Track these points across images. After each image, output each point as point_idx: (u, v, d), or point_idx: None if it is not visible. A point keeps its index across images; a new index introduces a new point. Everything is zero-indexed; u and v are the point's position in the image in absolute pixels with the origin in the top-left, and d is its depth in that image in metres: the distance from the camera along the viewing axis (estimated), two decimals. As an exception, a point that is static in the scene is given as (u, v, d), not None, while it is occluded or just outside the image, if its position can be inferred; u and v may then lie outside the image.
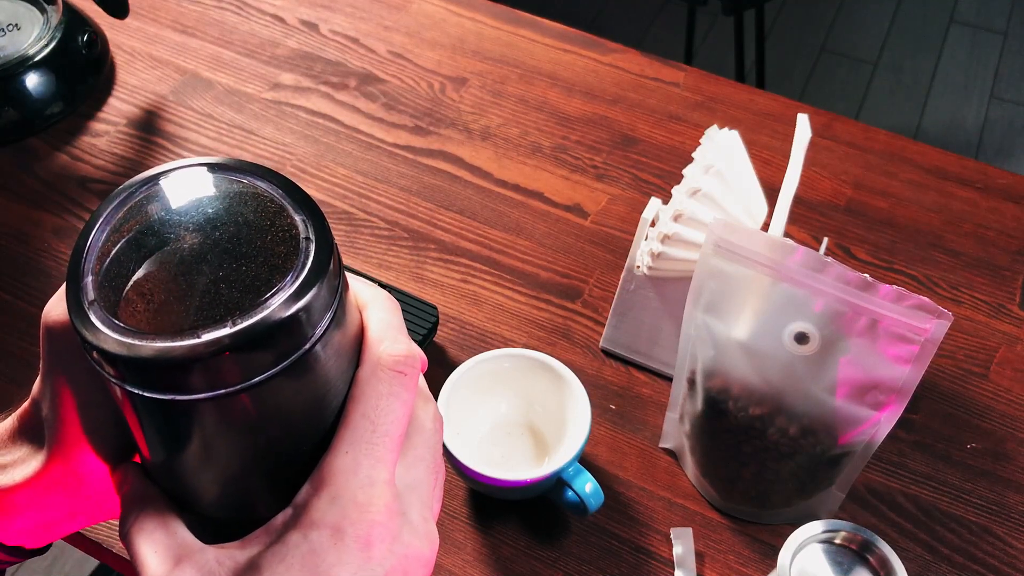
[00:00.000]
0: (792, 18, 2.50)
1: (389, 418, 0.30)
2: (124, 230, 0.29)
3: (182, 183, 0.30)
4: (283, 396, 0.28)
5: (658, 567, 0.64)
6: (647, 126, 0.92)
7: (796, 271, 0.56)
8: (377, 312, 0.33)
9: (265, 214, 0.30)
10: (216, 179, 0.30)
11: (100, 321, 0.27)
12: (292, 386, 0.28)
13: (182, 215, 0.29)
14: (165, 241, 0.29)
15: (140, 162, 0.88)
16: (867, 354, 0.55)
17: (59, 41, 0.90)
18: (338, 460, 0.29)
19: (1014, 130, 2.22)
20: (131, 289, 0.28)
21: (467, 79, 0.96)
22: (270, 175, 0.31)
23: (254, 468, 0.31)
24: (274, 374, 0.27)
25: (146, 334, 0.26)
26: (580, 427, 0.62)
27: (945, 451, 0.70)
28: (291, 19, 1.02)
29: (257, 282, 0.27)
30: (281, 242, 0.29)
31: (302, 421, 0.30)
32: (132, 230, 0.29)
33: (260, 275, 0.28)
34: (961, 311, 0.78)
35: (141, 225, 0.29)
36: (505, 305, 0.78)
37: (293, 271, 0.28)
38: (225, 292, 0.27)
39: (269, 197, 0.30)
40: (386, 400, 0.30)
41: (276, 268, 0.28)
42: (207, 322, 0.26)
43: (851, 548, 0.54)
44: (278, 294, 0.27)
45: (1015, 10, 2.50)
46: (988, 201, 0.86)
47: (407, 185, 0.86)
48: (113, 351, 0.26)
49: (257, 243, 0.29)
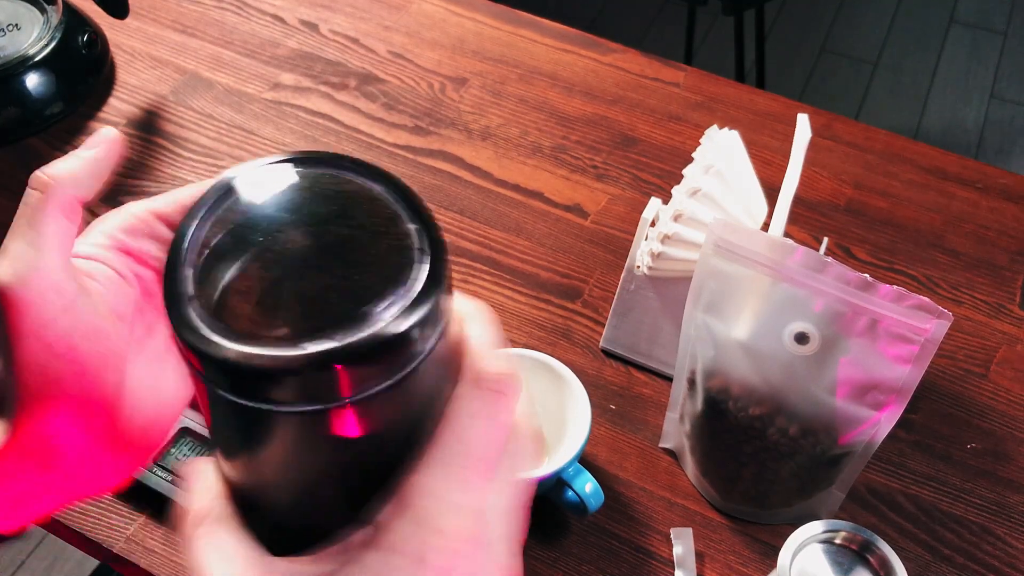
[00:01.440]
0: (792, 18, 2.50)
1: (484, 440, 0.29)
2: (229, 221, 0.28)
3: (292, 177, 0.29)
4: (381, 414, 0.27)
5: (658, 567, 0.64)
6: (647, 126, 0.92)
7: (796, 271, 0.56)
8: (477, 327, 0.31)
9: (379, 220, 0.28)
10: (328, 176, 0.29)
11: (199, 319, 0.25)
12: (392, 404, 0.27)
13: (291, 212, 0.28)
14: (273, 239, 0.27)
15: (140, 162, 0.88)
16: (867, 354, 0.55)
17: (59, 41, 0.90)
18: (426, 481, 0.28)
19: (1014, 130, 2.22)
20: (234, 287, 0.26)
21: (467, 79, 0.96)
22: (386, 178, 0.29)
23: (336, 482, 0.29)
24: (377, 392, 0.26)
25: (249, 338, 0.25)
26: (580, 427, 0.62)
27: (945, 451, 0.70)
28: (291, 19, 1.02)
29: (368, 293, 0.26)
30: (394, 252, 0.27)
31: (396, 439, 0.28)
32: (238, 222, 0.28)
33: (371, 286, 0.26)
34: (961, 311, 0.78)
35: (247, 218, 0.28)
36: (505, 305, 0.78)
37: (406, 284, 0.26)
38: (334, 301, 0.26)
39: (384, 201, 0.28)
40: (482, 421, 0.29)
41: (389, 279, 0.26)
42: (313, 332, 0.25)
43: (851, 548, 0.54)
44: (390, 308, 0.25)
45: (1015, 10, 2.50)
46: (988, 201, 0.86)
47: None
48: (215, 354, 0.25)
49: (370, 251, 0.27)
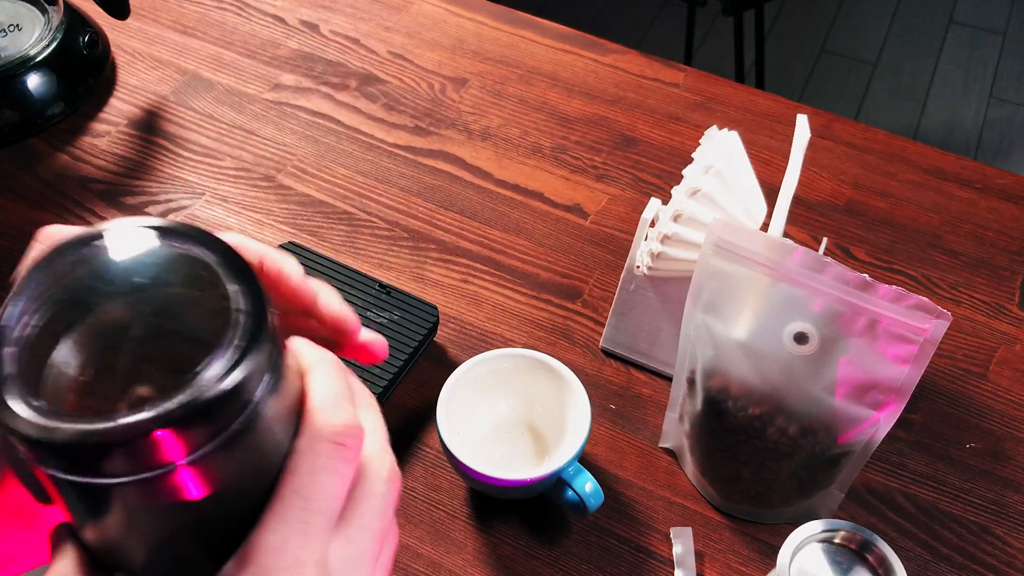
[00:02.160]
0: (792, 18, 2.50)
1: (324, 493, 0.29)
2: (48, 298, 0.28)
3: (113, 247, 0.29)
4: (216, 473, 0.27)
5: (658, 566, 0.64)
6: (647, 126, 0.92)
7: (795, 271, 0.56)
8: (320, 377, 0.31)
9: (197, 283, 0.28)
10: (149, 244, 0.29)
11: (17, 399, 0.25)
12: (222, 464, 0.27)
13: (109, 284, 0.28)
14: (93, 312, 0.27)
15: (141, 162, 0.88)
16: (866, 354, 0.55)
17: (60, 42, 0.90)
18: (265, 537, 0.28)
19: (1013, 130, 2.22)
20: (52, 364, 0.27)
21: (467, 80, 0.96)
22: (207, 240, 0.29)
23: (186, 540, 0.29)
24: (202, 455, 0.26)
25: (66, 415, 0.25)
26: (580, 427, 0.63)
27: (944, 451, 0.70)
28: (292, 20, 1.02)
29: (185, 358, 0.26)
30: (212, 315, 0.27)
31: (238, 495, 0.29)
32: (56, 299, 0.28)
33: (188, 351, 0.26)
34: (960, 311, 0.78)
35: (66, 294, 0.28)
36: (505, 305, 0.78)
37: (222, 347, 0.26)
38: (150, 370, 0.26)
39: (203, 264, 0.29)
40: (322, 475, 0.29)
41: (205, 343, 0.27)
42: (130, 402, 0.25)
43: (850, 548, 0.54)
44: (206, 371, 0.26)
45: (1014, 10, 2.50)
46: (987, 201, 0.86)
47: (407, 185, 0.86)
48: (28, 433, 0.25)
49: (186, 315, 0.28)
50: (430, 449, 0.69)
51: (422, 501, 0.67)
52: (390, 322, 0.73)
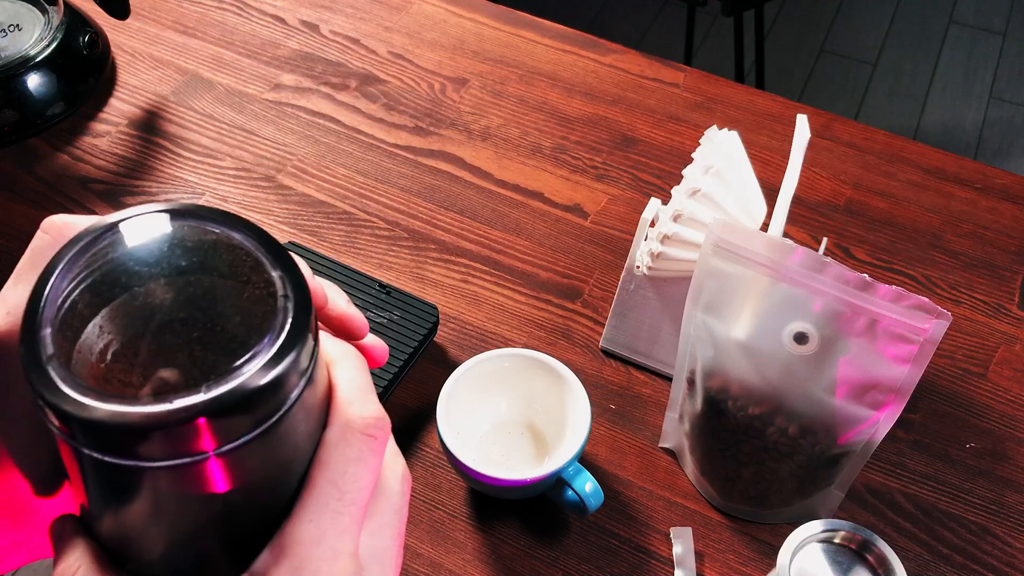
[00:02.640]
0: (792, 19, 2.50)
1: (356, 485, 0.29)
2: (87, 279, 0.27)
3: (150, 230, 0.29)
4: (250, 463, 0.27)
5: (658, 566, 0.64)
6: (647, 126, 0.92)
7: (795, 271, 0.56)
8: (346, 371, 0.31)
9: (241, 269, 0.28)
10: (188, 228, 0.29)
11: (60, 378, 0.25)
12: (260, 452, 0.27)
13: (152, 266, 0.28)
14: (133, 294, 0.27)
15: (141, 162, 0.88)
16: (866, 354, 0.55)
17: (60, 42, 0.90)
18: (301, 528, 0.28)
19: (1013, 130, 2.22)
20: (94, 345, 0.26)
21: (467, 80, 0.96)
22: (245, 226, 0.29)
23: (210, 532, 0.29)
24: (244, 442, 0.26)
25: (110, 396, 0.25)
26: (580, 427, 0.63)
27: (944, 451, 0.70)
28: (292, 20, 1.02)
29: (233, 344, 0.26)
30: (258, 301, 0.27)
31: (267, 486, 0.29)
32: (96, 279, 0.27)
33: (236, 336, 0.26)
34: (960, 311, 0.78)
35: (106, 274, 0.28)
36: (505, 305, 0.78)
37: (271, 333, 0.26)
38: (199, 354, 0.26)
39: (245, 250, 0.29)
40: (354, 466, 0.29)
41: (253, 329, 0.26)
42: (178, 386, 0.25)
43: (850, 547, 0.54)
44: (255, 358, 0.26)
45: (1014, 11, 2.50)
46: (987, 201, 0.86)
47: (407, 185, 0.86)
48: (74, 412, 0.24)
49: (233, 301, 0.27)
50: (430, 449, 0.69)
51: (422, 501, 0.67)
52: (390, 322, 0.73)
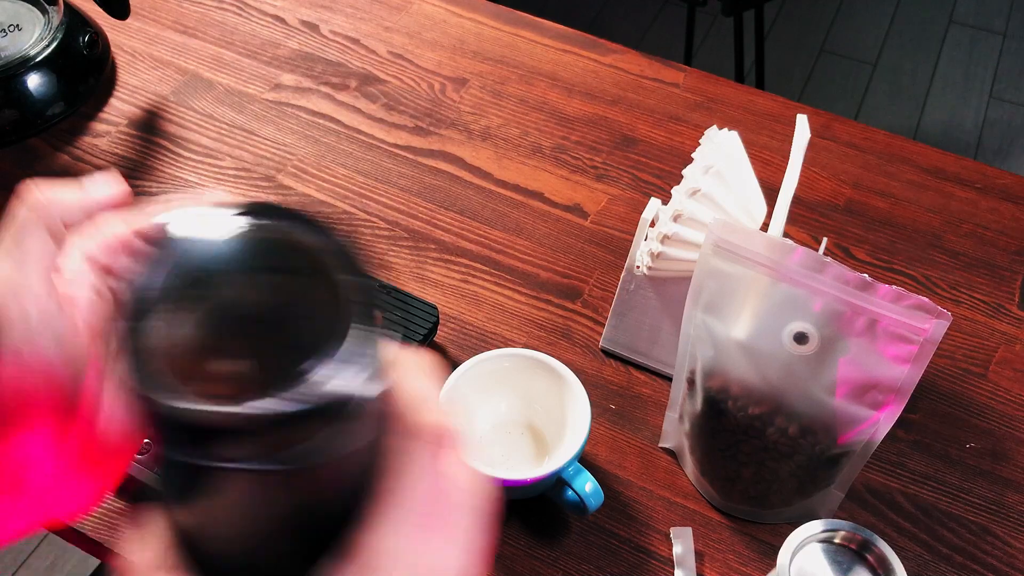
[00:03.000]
0: (792, 18, 2.50)
1: (429, 494, 0.29)
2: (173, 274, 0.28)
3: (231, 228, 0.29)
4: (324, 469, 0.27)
5: (658, 566, 0.64)
6: (647, 126, 0.92)
7: (795, 271, 0.56)
8: (412, 377, 0.31)
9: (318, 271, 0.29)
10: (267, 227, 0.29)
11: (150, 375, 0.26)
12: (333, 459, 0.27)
13: (232, 265, 0.28)
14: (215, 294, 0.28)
15: (141, 162, 0.88)
16: (866, 354, 0.55)
17: (60, 42, 0.90)
18: (377, 539, 0.28)
19: (1013, 130, 2.22)
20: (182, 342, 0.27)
21: (467, 80, 0.96)
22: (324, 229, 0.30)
23: (282, 538, 0.30)
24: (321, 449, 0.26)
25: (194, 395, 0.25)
26: (580, 427, 0.63)
27: (944, 451, 0.70)
28: (292, 20, 1.02)
29: (309, 349, 0.26)
30: (333, 306, 0.28)
31: (334, 492, 0.29)
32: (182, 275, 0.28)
33: (312, 342, 0.26)
34: (960, 311, 0.78)
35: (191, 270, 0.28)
36: (505, 305, 0.78)
37: (348, 339, 0.27)
38: (276, 359, 0.26)
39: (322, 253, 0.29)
40: (426, 475, 0.29)
41: (331, 334, 0.27)
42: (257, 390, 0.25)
43: (850, 547, 0.54)
44: (331, 364, 0.26)
45: (1014, 11, 2.50)
46: (987, 201, 0.86)
47: (407, 185, 0.86)
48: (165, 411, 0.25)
49: (310, 304, 0.28)
50: (430, 449, 0.69)
51: (422, 501, 0.67)
52: (390, 322, 0.73)
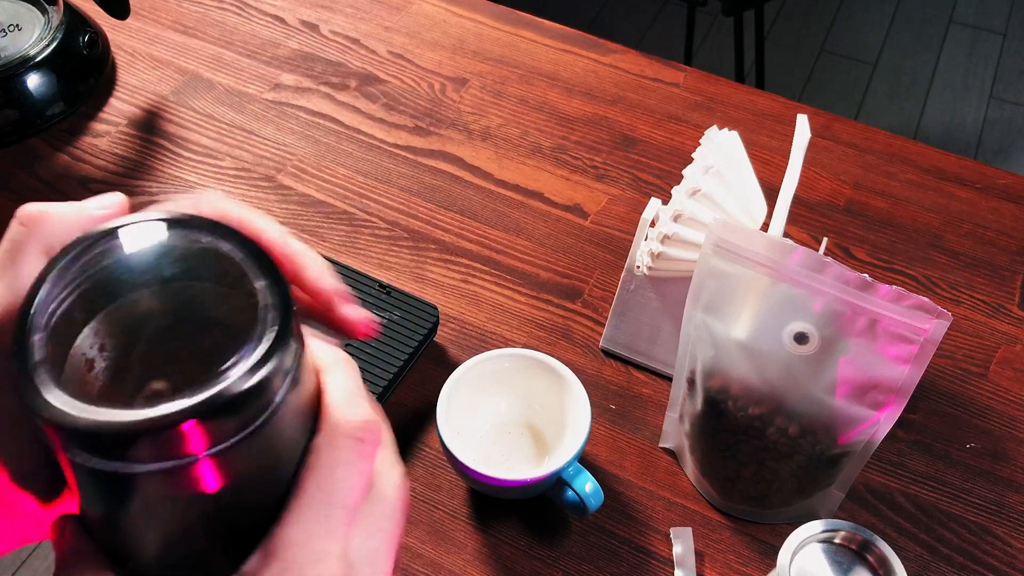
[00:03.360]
0: (792, 18, 2.50)
1: (345, 488, 0.29)
2: (78, 286, 0.28)
3: (142, 239, 0.30)
4: (236, 466, 0.28)
5: (658, 566, 0.64)
6: (647, 126, 0.92)
7: (795, 271, 0.56)
8: (336, 376, 0.32)
9: (225, 278, 0.29)
10: (178, 237, 0.30)
11: (47, 385, 0.26)
12: (248, 455, 0.28)
13: (141, 275, 0.29)
14: (122, 303, 0.28)
15: (141, 162, 0.88)
16: (866, 354, 0.55)
17: (60, 41, 0.90)
18: (289, 531, 0.28)
19: (1013, 130, 2.22)
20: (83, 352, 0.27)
21: (467, 80, 0.96)
22: (233, 235, 0.30)
23: (200, 534, 0.30)
24: (229, 446, 0.27)
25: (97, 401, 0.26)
26: (580, 427, 0.63)
27: (944, 451, 0.70)
28: (292, 20, 1.02)
29: (215, 351, 0.27)
30: (240, 310, 0.28)
31: (256, 489, 0.29)
32: (87, 287, 0.28)
33: (219, 344, 0.27)
34: (960, 311, 0.78)
35: (97, 283, 0.28)
36: (505, 305, 0.78)
37: (252, 341, 0.27)
38: (184, 361, 0.27)
39: (231, 260, 0.29)
40: (343, 469, 0.29)
41: (236, 337, 0.27)
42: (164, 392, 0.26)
43: (850, 548, 0.54)
44: (237, 365, 0.26)
45: (1014, 11, 2.50)
46: (987, 201, 0.86)
47: (407, 185, 0.86)
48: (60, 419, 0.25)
49: (216, 309, 0.28)
50: (430, 449, 0.69)
51: (422, 501, 0.67)
52: (390, 322, 0.73)
